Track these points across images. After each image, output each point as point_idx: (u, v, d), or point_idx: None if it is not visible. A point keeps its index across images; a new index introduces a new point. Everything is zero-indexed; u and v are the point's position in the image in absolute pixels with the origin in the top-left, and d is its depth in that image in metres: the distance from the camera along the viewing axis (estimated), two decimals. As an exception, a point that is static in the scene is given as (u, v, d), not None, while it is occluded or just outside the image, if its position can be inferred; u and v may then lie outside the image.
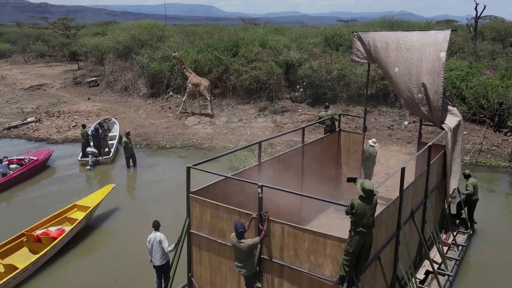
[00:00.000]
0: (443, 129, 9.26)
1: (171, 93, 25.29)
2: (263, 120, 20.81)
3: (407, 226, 7.48)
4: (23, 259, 9.79)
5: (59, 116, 22.41)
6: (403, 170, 6.68)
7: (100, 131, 16.79)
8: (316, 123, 11.55)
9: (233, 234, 6.13)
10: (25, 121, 21.37)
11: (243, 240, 6.06)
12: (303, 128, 9.91)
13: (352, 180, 5.93)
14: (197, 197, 6.91)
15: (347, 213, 5.57)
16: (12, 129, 20.61)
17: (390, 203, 6.64)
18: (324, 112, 11.21)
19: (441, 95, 8.92)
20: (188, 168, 6.90)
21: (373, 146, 11.65)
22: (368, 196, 5.45)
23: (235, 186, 7.78)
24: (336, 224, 9.69)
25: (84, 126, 16.73)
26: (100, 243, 10.91)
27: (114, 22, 57.47)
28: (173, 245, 7.43)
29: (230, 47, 25.40)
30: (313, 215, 10.64)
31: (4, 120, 22.23)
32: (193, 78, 21.61)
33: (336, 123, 11.40)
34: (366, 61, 10.29)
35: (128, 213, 12.35)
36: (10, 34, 57.56)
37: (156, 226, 7.79)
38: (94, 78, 30.37)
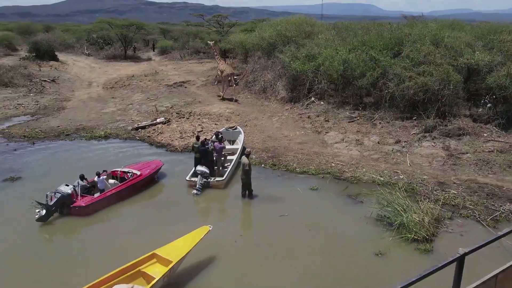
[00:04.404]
0: None
1: (312, 98, 21.30)
2: (430, 145, 15.24)
3: None
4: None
5: (188, 118, 20.44)
6: None
7: (216, 145, 13.74)
8: None
9: None
10: (154, 122, 19.83)
11: None
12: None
13: None
14: None
15: None
16: (139, 129, 19.21)
17: None
18: None
19: None
20: None
21: None
22: None
23: None
24: None
25: (198, 138, 13.75)
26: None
27: (267, 20, 56.06)
28: None
29: (391, 45, 20.12)
30: None
31: (137, 119, 21.15)
32: (221, 65, 24.60)
33: None
34: None
35: (224, 273, 8.76)
36: (175, 32, 61.26)
37: None
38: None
